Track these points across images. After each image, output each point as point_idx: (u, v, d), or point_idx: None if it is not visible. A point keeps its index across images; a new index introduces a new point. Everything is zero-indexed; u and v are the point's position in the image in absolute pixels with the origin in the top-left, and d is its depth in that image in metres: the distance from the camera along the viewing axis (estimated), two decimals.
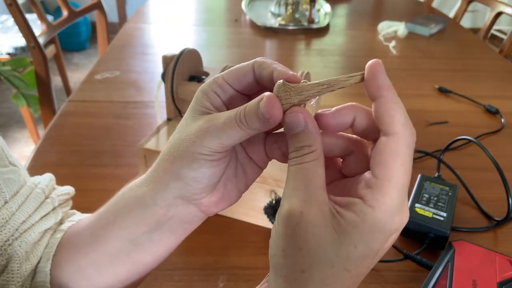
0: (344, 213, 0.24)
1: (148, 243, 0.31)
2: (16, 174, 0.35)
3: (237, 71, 0.30)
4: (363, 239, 0.24)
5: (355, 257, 0.24)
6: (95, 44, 3.02)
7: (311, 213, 0.24)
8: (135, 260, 0.32)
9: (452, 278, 0.43)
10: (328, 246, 0.24)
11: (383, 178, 0.24)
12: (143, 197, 0.31)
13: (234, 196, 0.32)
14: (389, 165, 0.24)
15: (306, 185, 0.25)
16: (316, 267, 0.25)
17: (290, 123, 0.26)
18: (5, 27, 2.02)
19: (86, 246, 0.33)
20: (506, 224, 0.56)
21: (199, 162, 0.28)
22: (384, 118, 0.25)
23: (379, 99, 0.26)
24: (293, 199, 0.25)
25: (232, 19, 1.39)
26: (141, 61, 1.04)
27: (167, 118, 0.61)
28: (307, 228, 0.24)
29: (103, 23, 1.50)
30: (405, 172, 0.25)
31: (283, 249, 0.25)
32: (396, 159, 0.24)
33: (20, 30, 1.17)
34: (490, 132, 0.78)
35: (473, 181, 0.63)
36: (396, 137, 0.25)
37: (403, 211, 0.25)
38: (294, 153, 0.26)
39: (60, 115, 0.79)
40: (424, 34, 1.29)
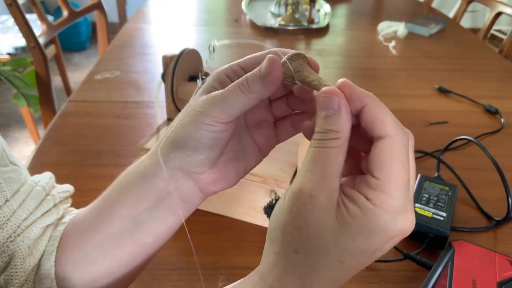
0: (348, 204, 0.25)
1: (149, 221, 0.32)
2: (17, 173, 0.36)
3: (253, 57, 0.31)
4: (362, 233, 0.24)
5: (352, 249, 0.24)
6: (95, 44, 3.02)
7: (320, 198, 0.25)
8: (137, 240, 0.33)
9: (452, 278, 0.43)
10: (328, 233, 0.24)
11: (383, 179, 0.24)
12: (145, 170, 0.32)
13: (232, 179, 0.33)
14: (387, 165, 0.24)
15: (323, 170, 0.25)
16: (311, 251, 0.25)
17: (323, 102, 0.26)
18: (5, 27, 2.02)
19: (90, 229, 0.34)
20: (506, 224, 0.56)
21: (201, 132, 0.29)
22: (374, 122, 0.25)
23: (364, 108, 0.26)
24: (306, 179, 0.25)
25: (232, 19, 1.39)
26: (141, 61, 1.04)
27: (167, 118, 0.61)
28: (312, 211, 0.25)
29: (103, 23, 1.51)
30: (405, 171, 0.25)
31: (283, 224, 0.26)
32: (393, 159, 0.24)
33: (20, 30, 1.17)
34: (489, 132, 0.78)
35: (473, 181, 0.63)
36: (391, 137, 0.25)
37: (407, 212, 0.25)
38: (319, 134, 0.26)
39: (60, 115, 0.79)
40: (424, 34, 1.29)
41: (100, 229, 0.33)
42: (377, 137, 0.25)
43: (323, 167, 0.25)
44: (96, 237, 0.33)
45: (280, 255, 0.26)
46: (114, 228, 0.32)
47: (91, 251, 0.33)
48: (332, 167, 0.25)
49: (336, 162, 0.25)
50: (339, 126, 0.25)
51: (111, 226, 0.33)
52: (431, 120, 0.81)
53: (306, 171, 0.26)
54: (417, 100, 0.89)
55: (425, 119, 0.81)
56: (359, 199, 0.24)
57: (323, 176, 0.25)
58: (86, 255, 0.33)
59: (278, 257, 0.26)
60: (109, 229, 0.33)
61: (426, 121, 0.80)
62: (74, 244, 0.34)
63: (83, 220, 0.35)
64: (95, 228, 0.33)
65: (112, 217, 0.33)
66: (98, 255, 0.33)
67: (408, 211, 0.25)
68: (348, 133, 0.26)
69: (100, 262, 0.33)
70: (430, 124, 0.80)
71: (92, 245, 0.33)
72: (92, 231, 0.33)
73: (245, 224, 0.55)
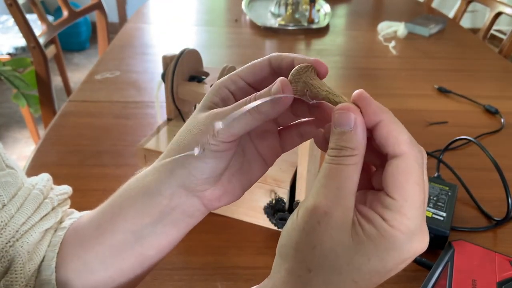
0: (364, 224, 0.24)
1: (151, 236, 0.32)
2: (13, 177, 0.35)
3: (253, 65, 0.31)
4: (378, 254, 0.24)
5: (366, 270, 0.24)
6: (95, 44, 3.02)
7: (335, 216, 0.24)
8: (138, 253, 0.32)
9: (451, 278, 0.43)
10: (342, 252, 0.24)
11: (399, 199, 0.24)
12: (148, 186, 0.31)
13: (237, 192, 0.32)
14: (403, 185, 0.24)
15: (338, 187, 0.24)
16: (324, 270, 0.24)
17: (339, 119, 0.25)
18: (6, 27, 2.02)
19: (91, 239, 0.33)
20: (506, 224, 0.56)
21: (204, 152, 0.28)
22: (388, 140, 0.25)
23: (379, 124, 0.25)
24: (320, 196, 0.25)
25: (232, 19, 1.39)
26: (141, 61, 1.04)
27: (167, 118, 0.61)
28: (327, 229, 0.24)
29: (103, 23, 1.51)
30: (421, 190, 0.24)
31: (296, 242, 0.25)
32: (409, 178, 0.24)
33: (21, 30, 1.17)
34: (489, 132, 0.78)
35: (473, 181, 0.63)
36: (405, 156, 0.24)
37: (422, 232, 0.25)
38: (334, 150, 0.25)
39: (60, 115, 0.79)
40: (423, 34, 1.29)
41: (101, 240, 0.33)
42: (391, 154, 0.25)
43: (338, 184, 0.24)
44: (97, 248, 0.33)
45: (292, 272, 0.25)
46: (115, 241, 0.32)
47: (92, 261, 0.33)
48: (347, 185, 0.25)
49: (351, 179, 0.25)
50: (355, 143, 0.25)
51: (112, 238, 0.32)
52: (431, 120, 0.81)
53: (320, 187, 0.25)
54: (417, 100, 0.89)
55: (425, 119, 0.81)
56: (375, 219, 0.24)
57: (338, 193, 0.24)
58: (87, 265, 0.33)
59: (290, 274, 0.25)
60: (110, 241, 0.32)
61: (426, 121, 0.80)
62: (75, 253, 0.34)
63: (84, 229, 0.35)
64: (96, 239, 0.33)
65: (114, 229, 0.32)
66: (99, 265, 0.33)
67: (424, 231, 0.25)
68: (364, 150, 0.25)
69: (101, 272, 0.33)
70: (430, 124, 0.80)
71: (93, 256, 0.33)
72: (93, 242, 0.33)
73: (245, 224, 0.55)
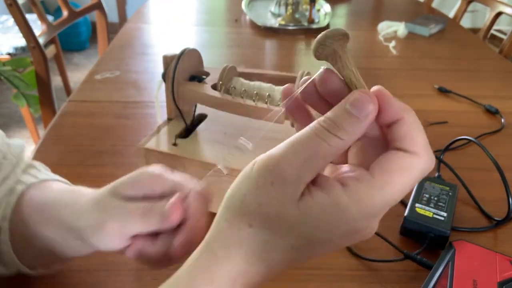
0: (317, 193, 0.23)
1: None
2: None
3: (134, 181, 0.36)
4: (325, 224, 0.23)
5: (307, 239, 0.24)
6: (95, 44, 3.02)
7: (289, 186, 0.23)
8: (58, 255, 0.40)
9: (452, 278, 0.43)
10: (286, 218, 0.23)
11: (379, 181, 0.23)
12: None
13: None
14: (393, 175, 0.23)
15: (307, 159, 0.23)
16: (264, 229, 0.24)
17: (358, 101, 0.24)
18: (5, 27, 2.02)
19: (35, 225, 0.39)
20: (506, 224, 0.56)
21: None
22: (406, 138, 0.24)
23: (399, 121, 0.24)
24: (285, 159, 0.24)
25: (232, 19, 1.39)
26: (141, 61, 1.04)
27: (168, 118, 0.61)
28: (278, 194, 0.24)
29: (103, 23, 1.51)
30: (403, 191, 0.24)
31: (245, 194, 0.25)
32: (403, 175, 0.23)
33: (20, 30, 1.17)
34: (490, 132, 0.78)
35: (473, 181, 0.63)
36: (416, 157, 0.24)
37: (375, 220, 0.25)
38: (328, 123, 0.24)
39: (60, 115, 0.79)
40: (424, 34, 1.29)
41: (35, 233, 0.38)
42: (404, 149, 0.24)
43: (309, 157, 0.23)
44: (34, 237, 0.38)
45: (232, 224, 0.25)
46: (44, 241, 0.38)
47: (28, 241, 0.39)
48: (317, 163, 0.23)
49: (324, 160, 0.24)
50: (352, 131, 0.23)
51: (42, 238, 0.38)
52: (431, 120, 0.81)
53: (290, 149, 0.24)
54: (417, 100, 0.89)
55: (425, 119, 0.81)
56: (333, 187, 0.23)
57: (304, 166, 0.23)
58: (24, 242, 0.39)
59: (229, 225, 0.25)
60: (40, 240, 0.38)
61: (426, 121, 0.80)
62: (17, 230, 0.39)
63: (31, 212, 0.39)
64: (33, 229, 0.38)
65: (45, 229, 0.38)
66: (33, 248, 0.39)
67: (376, 221, 0.25)
68: (353, 142, 0.24)
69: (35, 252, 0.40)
70: (430, 124, 0.80)
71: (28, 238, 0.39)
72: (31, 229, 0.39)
73: None
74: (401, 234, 0.53)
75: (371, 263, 0.49)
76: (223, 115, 0.62)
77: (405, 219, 0.52)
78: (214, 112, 0.62)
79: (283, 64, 1.08)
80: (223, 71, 0.53)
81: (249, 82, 0.53)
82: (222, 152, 0.54)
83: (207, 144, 0.56)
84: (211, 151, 0.54)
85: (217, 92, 0.53)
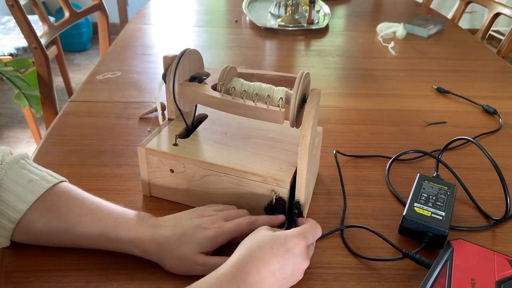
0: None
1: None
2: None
3: None
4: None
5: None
6: (96, 45, 3.02)
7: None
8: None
9: (450, 277, 0.44)
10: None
11: None
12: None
13: None
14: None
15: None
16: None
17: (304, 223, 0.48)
18: (7, 28, 2.03)
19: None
20: (504, 223, 0.57)
21: None
22: None
23: None
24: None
25: (232, 20, 1.40)
26: (142, 61, 1.05)
27: (168, 118, 0.62)
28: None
29: (104, 24, 1.51)
30: None
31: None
32: None
33: (22, 31, 1.17)
34: (488, 132, 0.78)
35: (472, 181, 0.64)
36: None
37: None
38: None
39: (61, 115, 0.79)
40: (422, 35, 1.29)
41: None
42: None
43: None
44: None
45: None
46: None
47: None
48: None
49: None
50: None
51: None
52: (430, 120, 0.81)
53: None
54: (416, 101, 0.89)
55: (423, 119, 0.82)
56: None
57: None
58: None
59: None
60: None
61: (425, 121, 0.81)
62: None
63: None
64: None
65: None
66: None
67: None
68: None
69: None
70: (428, 124, 0.80)
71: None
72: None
73: None
74: (399, 233, 0.54)
75: (370, 262, 0.50)
76: (223, 115, 0.63)
77: (404, 218, 0.52)
78: (214, 112, 0.63)
79: (283, 65, 1.09)
80: (223, 71, 0.54)
81: (249, 82, 0.54)
82: (222, 152, 0.55)
83: (207, 144, 0.56)
84: (211, 151, 0.55)
85: (217, 93, 0.53)
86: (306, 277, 0.47)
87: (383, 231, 0.54)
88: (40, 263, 0.47)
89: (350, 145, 0.73)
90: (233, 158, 0.53)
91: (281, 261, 0.40)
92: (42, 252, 0.48)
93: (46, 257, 0.48)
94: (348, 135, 0.76)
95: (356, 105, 0.87)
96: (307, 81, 0.51)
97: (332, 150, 0.68)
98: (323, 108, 0.85)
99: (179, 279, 0.46)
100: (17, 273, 0.46)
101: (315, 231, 0.46)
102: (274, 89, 0.52)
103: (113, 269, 0.47)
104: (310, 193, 0.58)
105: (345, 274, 0.48)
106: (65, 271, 0.46)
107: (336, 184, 0.63)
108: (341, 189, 0.61)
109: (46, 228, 0.46)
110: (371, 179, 0.64)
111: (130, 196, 0.58)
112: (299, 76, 0.49)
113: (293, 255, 0.41)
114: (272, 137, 0.58)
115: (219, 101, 0.52)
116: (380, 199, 0.60)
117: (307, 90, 0.52)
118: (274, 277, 0.39)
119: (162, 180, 0.56)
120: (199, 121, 0.62)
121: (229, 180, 0.53)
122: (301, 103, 0.50)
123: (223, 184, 0.53)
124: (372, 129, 0.78)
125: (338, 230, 0.54)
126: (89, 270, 0.47)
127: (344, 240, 0.53)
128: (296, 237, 0.43)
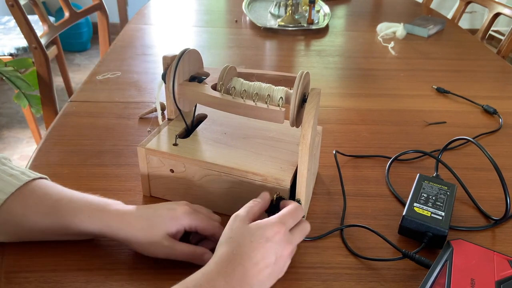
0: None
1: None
2: None
3: None
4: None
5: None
6: (96, 45, 3.03)
7: None
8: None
9: (450, 277, 0.44)
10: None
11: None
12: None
13: None
14: None
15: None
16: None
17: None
18: (7, 28, 2.03)
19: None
20: (504, 223, 0.57)
21: None
22: None
23: None
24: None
25: (232, 20, 1.40)
26: (142, 61, 1.05)
27: (168, 118, 0.62)
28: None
29: (104, 24, 1.51)
30: None
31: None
32: None
33: (22, 31, 1.17)
34: (488, 132, 0.78)
35: (471, 181, 0.64)
36: None
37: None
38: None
39: (61, 115, 0.79)
40: (422, 35, 1.29)
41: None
42: None
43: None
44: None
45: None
46: None
47: None
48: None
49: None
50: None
51: None
52: (430, 120, 0.81)
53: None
54: (416, 101, 0.89)
55: (423, 119, 0.82)
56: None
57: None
58: None
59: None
60: None
61: (425, 121, 0.81)
62: None
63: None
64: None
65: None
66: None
67: None
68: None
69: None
70: (428, 124, 0.80)
71: None
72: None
73: None
74: (399, 233, 0.54)
75: (370, 262, 0.50)
76: (222, 115, 0.63)
77: (404, 218, 0.52)
78: (214, 112, 0.63)
79: (283, 65, 1.09)
80: (223, 71, 0.54)
81: (249, 82, 0.54)
82: (222, 151, 0.55)
83: (207, 144, 0.56)
84: (211, 151, 0.55)
85: (217, 93, 0.53)
86: (306, 277, 0.47)
87: (383, 231, 0.54)
88: (40, 263, 0.47)
89: (350, 145, 0.73)
90: (233, 158, 0.53)
91: (262, 252, 0.41)
92: (42, 252, 0.48)
93: (46, 257, 0.48)
94: (348, 135, 0.76)
95: (356, 105, 0.87)
96: (307, 80, 0.51)
97: (332, 150, 0.68)
98: (323, 108, 0.85)
99: (179, 279, 0.46)
100: (17, 273, 0.46)
101: (295, 214, 0.46)
102: (274, 88, 0.52)
103: (113, 269, 0.47)
104: (310, 193, 0.58)
105: (345, 274, 0.48)
106: (64, 271, 0.47)
107: (336, 184, 0.63)
108: (341, 189, 0.61)
109: (25, 218, 0.46)
110: (371, 179, 0.64)
111: (130, 196, 0.58)
112: (299, 76, 0.49)
113: (274, 243, 0.42)
114: (272, 137, 0.58)
115: (219, 101, 0.52)
116: (380, 199, 0.60)
117: (307, 89, 0.52)
118: (258, 267, 0.40)
119: (162, 180, 0.56)
120: (198, 121, 0.62)
121: (229, 180, 0.53)
122: (301, 103, 0.50)
123: (223, 184, 0.53)
124: (372, 129, 0.78)
125: (338, 229, 0.54)
126: (88, 270, 0.47)
127: (344, 240, 0.53)
128: (275, 225, 0.43)
